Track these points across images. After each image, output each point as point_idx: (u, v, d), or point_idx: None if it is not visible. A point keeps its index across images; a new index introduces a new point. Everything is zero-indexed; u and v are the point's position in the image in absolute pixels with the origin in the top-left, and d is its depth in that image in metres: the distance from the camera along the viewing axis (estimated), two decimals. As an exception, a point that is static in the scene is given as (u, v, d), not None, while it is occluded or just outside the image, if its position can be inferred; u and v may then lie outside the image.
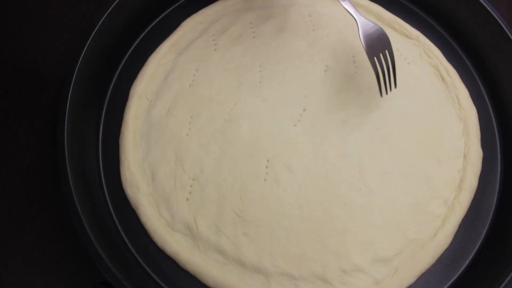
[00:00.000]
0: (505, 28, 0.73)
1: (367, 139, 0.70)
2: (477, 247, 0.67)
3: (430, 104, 0.73)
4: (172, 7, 0.81)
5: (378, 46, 0.66)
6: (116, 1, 0.70)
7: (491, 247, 0.66)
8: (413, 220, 0.66)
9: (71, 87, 0.64)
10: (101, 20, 0.69)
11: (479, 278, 0.64)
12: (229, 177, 0.67)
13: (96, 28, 0.68)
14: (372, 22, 0.68)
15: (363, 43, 0.66)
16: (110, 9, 0.70)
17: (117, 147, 0.70)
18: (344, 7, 0.67)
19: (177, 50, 0.77)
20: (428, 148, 0.70)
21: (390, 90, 0.69)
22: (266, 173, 0.67)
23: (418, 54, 0.78)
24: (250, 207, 0.65)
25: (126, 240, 0.65)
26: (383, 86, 0.68)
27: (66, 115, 0.63)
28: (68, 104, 0.63)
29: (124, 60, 0.77)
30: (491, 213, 0.69)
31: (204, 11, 0.80)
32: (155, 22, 0.80)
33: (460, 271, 0.66)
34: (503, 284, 0.59)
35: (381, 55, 0.67)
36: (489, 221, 0.69)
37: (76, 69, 0.65)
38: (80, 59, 0.66)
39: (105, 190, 0.68)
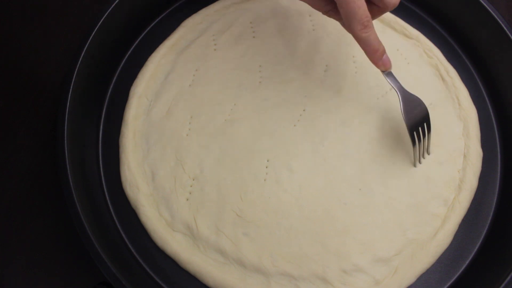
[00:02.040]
0: (505, 28, 0.73)
1: (367, 139, 0.70)
2: (477, 247, 0.67)
3: (430, 104, 0.73)
4: (172, 7, 0.81)
5: (417, 119, 0.66)
6: (116, 1, 0.70)
7: (491, 247, 0.66)
8: (413, 220, 0.66)
9: (71, 87, 0.64)
10: (101, 20, 0.68)
11: (479, 278, 0.64)
12: (229, 177, 0.67)
13: (96, 28, 0.68)
14: (413, 94, 0.67)
15: (405, 119, 0.65)
16: (110, 9, 0.69)
17: (117, 147, 0.70)
18: (387, 81, 0.67)
19: (177, 50, 0.77)
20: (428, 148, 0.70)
21: (424, 157, 0.69)
22: (266, 173, 0.67)
23: (418, 54, 0.78)
24: (250, 207, 0.65)
25: (126, 240, 0.65)
26: (417, 157, 0.68)
27: (66, 115, 0.63)
28: (68, 104, 0.63)
29: (124, 60, 0.77)
30: (491, 213, 0.69)
31: (204, 11, 0.80)
32: (155, 22, 0.80)
33: (460, 271, 0.66)
34: (503, 284, 0.59)
35: (419, 128, 0.66)
36: (489, 221, 0.69)
37: (76, 69, 0.65)
38: (80, 59, 0.66)
39: (105, 190, 0.68)
